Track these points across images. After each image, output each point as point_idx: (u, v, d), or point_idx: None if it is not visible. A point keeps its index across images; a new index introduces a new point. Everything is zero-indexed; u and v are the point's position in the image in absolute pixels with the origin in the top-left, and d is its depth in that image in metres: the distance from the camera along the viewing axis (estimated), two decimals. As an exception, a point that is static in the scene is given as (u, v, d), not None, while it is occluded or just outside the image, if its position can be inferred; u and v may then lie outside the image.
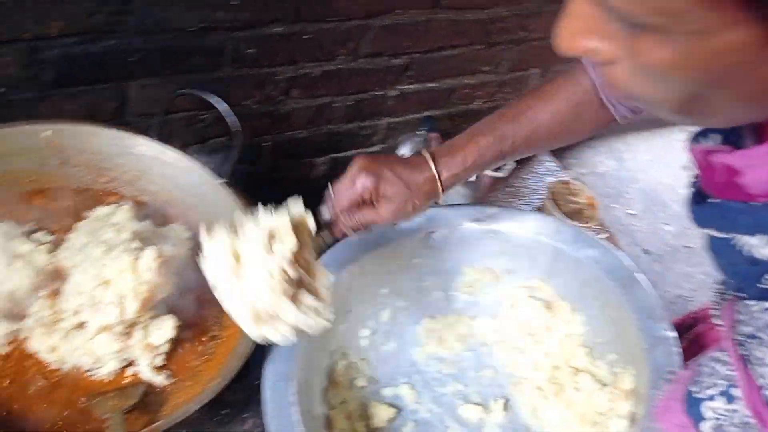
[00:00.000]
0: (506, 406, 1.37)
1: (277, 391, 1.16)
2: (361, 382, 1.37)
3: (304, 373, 1.23)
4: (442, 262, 1.44)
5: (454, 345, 1.45)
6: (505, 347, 1.45)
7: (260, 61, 1.85)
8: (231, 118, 1.36)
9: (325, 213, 1.17)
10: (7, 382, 1.17)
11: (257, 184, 1.51)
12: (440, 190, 1.16)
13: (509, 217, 1.44)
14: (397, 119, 2.38)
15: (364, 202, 1.13)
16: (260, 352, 1.22)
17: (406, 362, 1.43)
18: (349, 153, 2.43)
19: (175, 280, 1.26)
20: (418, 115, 2.39)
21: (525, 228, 1.43)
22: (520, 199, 2.13)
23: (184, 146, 1.48)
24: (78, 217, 1.37)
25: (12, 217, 1.35)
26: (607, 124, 1.20)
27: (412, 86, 2.26)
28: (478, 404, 1.37)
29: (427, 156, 1.17)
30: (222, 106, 1.36)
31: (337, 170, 2.44)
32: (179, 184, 1.45)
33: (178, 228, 1.42)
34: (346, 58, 1.99)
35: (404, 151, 2.13)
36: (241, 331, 1.22)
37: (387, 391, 1.39)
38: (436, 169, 1.15)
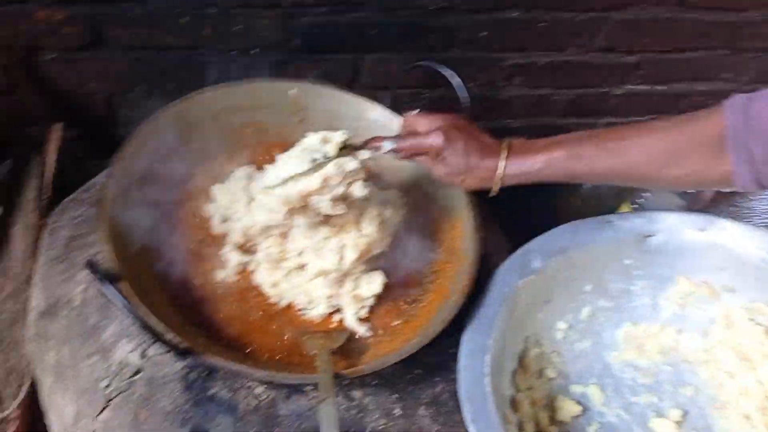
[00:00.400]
0: (704, 428, 1.29)
1: (473, 361, 1.19)
2: (550, 374, 1.36)
3: (498, 351, 1.25)
4: (655, 268, 1.38)
5: (654, 356, 1.39)
6: (712, 368, 1.36)
7: (491, 45, 1.87)
8: (463, 94, 1.39)
9: (390, 143, 1.25)
10: (237, 307, 1.30)
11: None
12: (497, 183, 1.19)
13: (740, 232, 1.33)
14: (616, 120, 2.29)
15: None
16: (458, 321, 1.26)
17: (600, 363, 1.39)
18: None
19: (389, 240, 1.32)
20: (640, 118, 2.28)
21: (756, 245, 1.32)
22: (745, 221, 1.96)
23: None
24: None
25: (253, 162, 1.49)
26: (717, 185, 1.12)
27: (639, 87, 2.16)
28: (672, 420, 1.30)
29: (504, 147, 1.19)
30: (456, 80, 1.39)
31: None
32: (402, 153, 1.52)
33: (397, 194, 1.49)
34: (577, 50, 1.95)
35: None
36: (444, 298, 1.28)
37: (575, 388, 1.36)
38: (503, 162, 1.16)
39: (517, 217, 1.84)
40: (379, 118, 1.52)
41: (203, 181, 1.45)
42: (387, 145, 1.21)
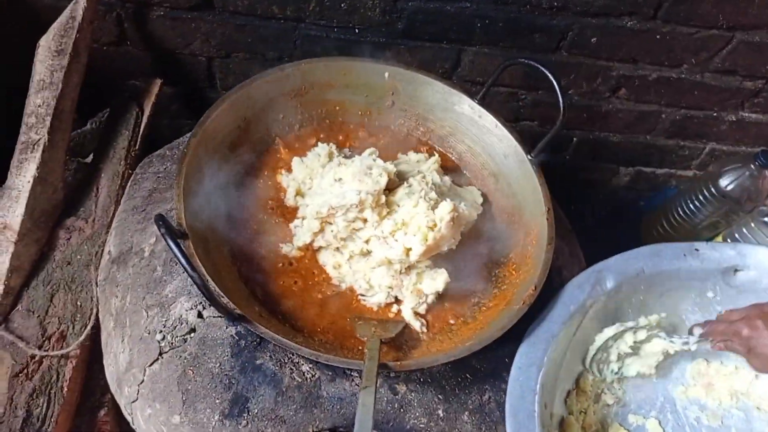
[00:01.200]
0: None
1: (525, 375, 1.14)
2: (608, 400, 1.29)
3: (554, 368, 1.19)
4: (740, 304, 1.27)
5: (724, 397, 1.29)
6: (790, 419, 1.25)
7: (600, 52, 1.78)
8: (562, 98, 1.33)
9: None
10: (298, 282, 1.29)
11: (555, 173, 1.49)
12: None
13: None
14: (724, 147, 2.14)
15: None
16: (519, 331, 1.21)
17: (662, 397, 1.31)
18: (658, 170, 2.25)
19: (459, 239, 1.28)
20: (750, 149, 2.12)
21: None
22: None
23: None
24: (392, 156, 1.46)
25: (336, 141, 1.49)
26: None
27: (755, 115, 2.01)
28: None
29: None
30: (556, 83, 1.32)
31: (639, 184, 2.33)
32: (488, 150, 1.47)
33: (475, 192, 1.45)
34: (692, 69, 1.83)
35: (726, 182, 1.91)
36: (507, 305, 1.23)
37: (633, 419, 1.29)
38: None
39: (600, 235, 1.76)
40: (467, 112, 1.48)
41: (284, 152, 1.45)
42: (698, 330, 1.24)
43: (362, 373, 1.07)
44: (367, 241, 1.28)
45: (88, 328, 1.39)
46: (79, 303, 1.42)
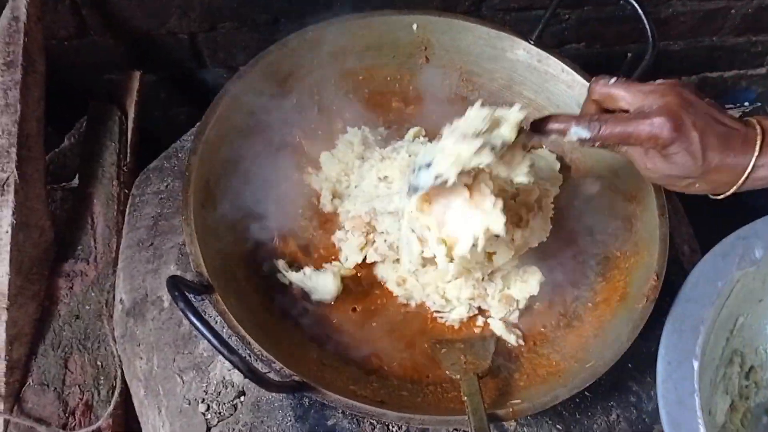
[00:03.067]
0: None
1: (678, 373, 0.89)
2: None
3: (708, 360, 0.96)
4: None
5: None
6: None
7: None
8: (647, 20, 1.04)
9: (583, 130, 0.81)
10: (357, 309, 1.05)
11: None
12: (737, 186, 0.81)
13: None
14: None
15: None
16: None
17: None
18: (726, 74, 1.96)
19: (551, 227, 1.02)
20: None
21: None
22: None
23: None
24: (439, 129, 1.18)
25: (368, 119, 1.21)
26: None
27: (837, -8, 1.69)
28: None
29: (759, 135, 0.78)
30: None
31: (706, 92, 2.03)
32: (554, 101, 1.19)
33: (548, 155, 1.18)
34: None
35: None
36: (620, 298, 0.98)
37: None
38: (754, 158, 0.78)
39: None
40: (523, 57, 1.19)
41: (306, 146, 1.18)
42: (577, 132, 0.81)
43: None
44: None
45: (116, 393, 1.16)
46: (99, 363, 1.19)
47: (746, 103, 2.02)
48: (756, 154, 0.77)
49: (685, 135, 0.76)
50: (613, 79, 0.82)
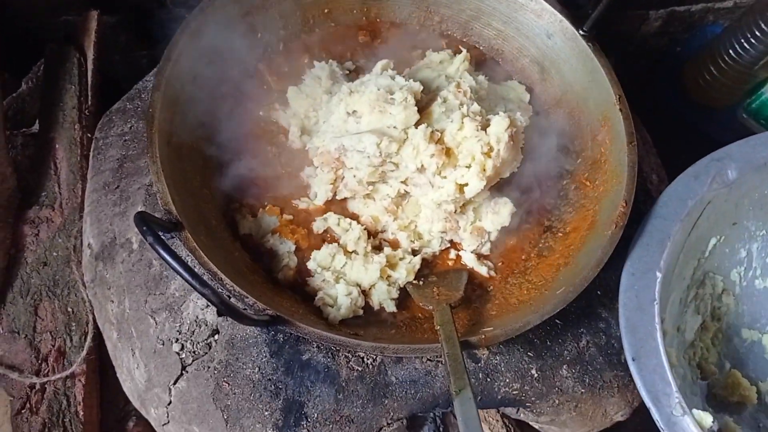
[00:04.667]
0: None
1: (640, 282, 0.92)
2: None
3: (669, 275, 0.97)
4: None
5: None
6: None
7: None
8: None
9: None
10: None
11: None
12: None
13: None
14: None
15: None
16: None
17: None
18: (693, 7, 1.94)
19: (521, 157, 1.02)
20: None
21: None
22: None
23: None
24: (408, 62, 1.16)
25: (336, 53, 1.18)
26: None
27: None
28: None
29: None
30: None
31: (673, 26, 2.02)
32: (523, 31, 1.18)
33: (518, 87, 1.17)
34: None
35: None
36: (590, 226, 0.99)
37: (747, 334, 1.09)
38: None
39: (638, 92, 1.48)
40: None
41: (272, 81, 1.15)
42: None
43: (445, 364, 0.84)
44: (404, 182, 1.02)
45: (89, 338, 1.15)
46: (69, 309, 1.18)
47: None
48: None
49: None
50: None
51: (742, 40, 1.68)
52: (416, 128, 0.95)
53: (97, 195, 1.14)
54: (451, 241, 1.05)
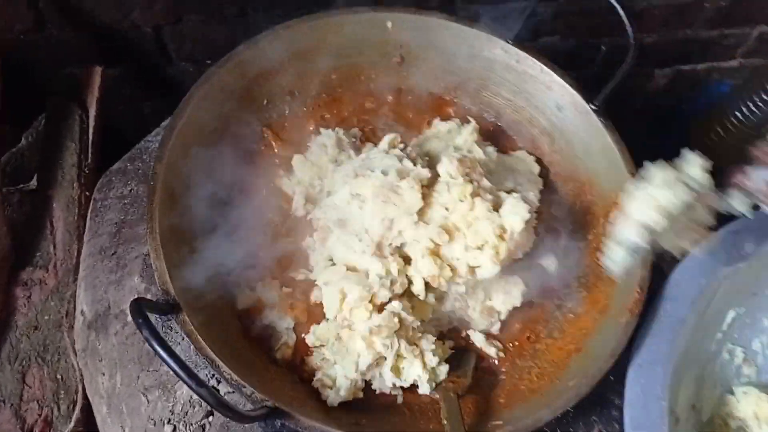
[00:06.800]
0: None
1: (647, 376, 0.89)
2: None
3: (681, 361, 0.94)
4: None
5: None
6: None
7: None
8: (628, 21, 1.01)
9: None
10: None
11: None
12: None
13: None
14: (773, 30, 1.82)
15: None
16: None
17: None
18: (699, 66, 1.94)
19: (534, 237, 0.99)
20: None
21: None
22: None
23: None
24: (416, 128, 1.14)
25: (343, 121, 1.16)
26: None
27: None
28: None
29: None
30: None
31: (679, 85, 2.01)
32: (533, 102, 1.16)
33: (527, 158, 1.14)
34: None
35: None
36: (602, 311, 0.95)
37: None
38: None
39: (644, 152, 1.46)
40: (501, 57, 1.14)
41: (277, 146, 1.13)
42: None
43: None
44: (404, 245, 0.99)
45: (78, 409, 1.11)
46: (59, 376, 1.13)
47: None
48: None
49: None
50: None
51: (749, 103, 1.66)
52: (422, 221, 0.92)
53: (92, 260, 1.10)
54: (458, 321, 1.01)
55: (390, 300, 0.92)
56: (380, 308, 0.93)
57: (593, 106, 1.07)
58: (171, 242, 0.89)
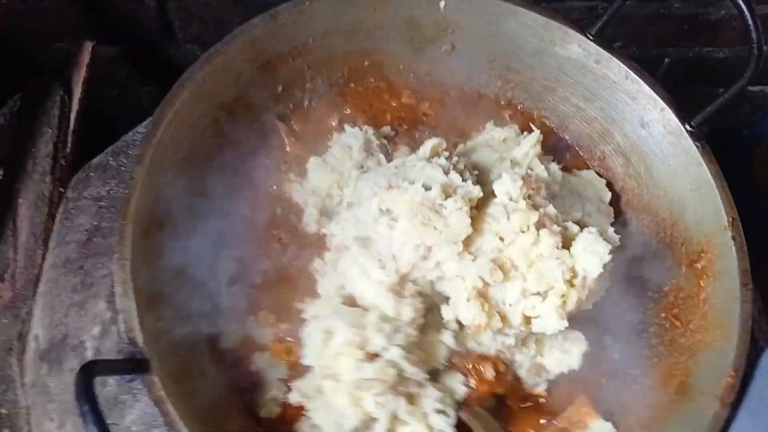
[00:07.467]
0: None
1: None
2: None
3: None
4: None
5: None
6: None
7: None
8: (752, 19, 0.80)
9: None
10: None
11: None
12: None
13: None
14: None
15: None
16: None
17: None
18: (766, 88, 1.73)
19: (607, 285, 0.77)
20: None
21: None
22: None
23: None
24: (461, 134, 0.94)
25: (372, 118, 0.96)
26: None
27: None
28: None
29: None
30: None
31: (742, 107, 1.80)
32: (610, 113, 0.95)
33: (597, 181, 0.93)
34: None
35: None
36: (678, 390, 0.73)
37: None
38: None
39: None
40: (577, 54, 0.93)
41: (290, 144, 0.93)
42: None
43: None
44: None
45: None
46: (3, 410, 0.93)
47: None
48: None
49: None
50: None
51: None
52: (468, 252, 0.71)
53: (55, 272, 0.92)
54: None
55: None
56: (373, 356, 0.74)
57: (689, 128, 0.86)
58: (145, 273, 0.68)
